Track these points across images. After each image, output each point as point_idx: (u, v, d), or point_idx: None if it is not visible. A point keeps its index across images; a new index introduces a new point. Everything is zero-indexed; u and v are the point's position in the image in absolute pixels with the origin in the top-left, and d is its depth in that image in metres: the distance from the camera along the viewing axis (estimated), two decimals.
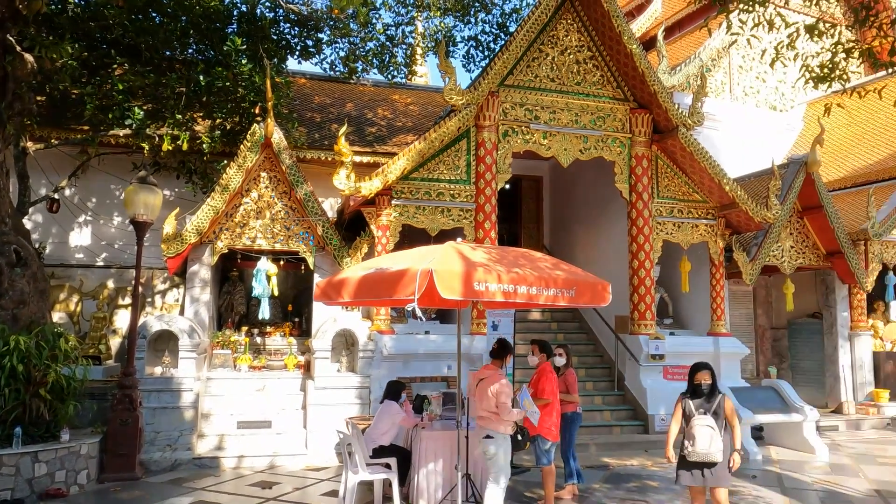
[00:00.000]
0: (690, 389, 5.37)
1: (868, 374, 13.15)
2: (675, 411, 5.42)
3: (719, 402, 5.25)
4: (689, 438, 5.17)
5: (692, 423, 5.18)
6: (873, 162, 14.36)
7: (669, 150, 11.25)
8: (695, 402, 5.27)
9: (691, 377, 5.36)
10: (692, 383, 5.35)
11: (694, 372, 5.37)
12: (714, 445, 5.07)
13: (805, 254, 12.62)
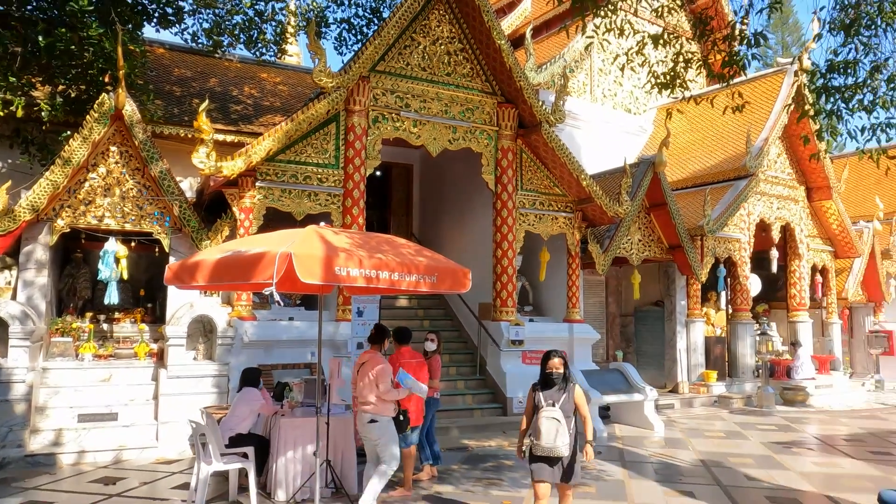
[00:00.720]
0: (542, 379, 5.08)
1: (700, 356, 14.55)
2: (527, 403, 5.14)
3: (570, 393, 4.99)
4: (535, 432, 4.88)
5: (539, 415, 4.88)
6: (711, 165, 15.82)
7: (533, 145, 11.74)
8: (545, 393, 4.98)
9: (543, 365, 5.08)
10: (544, 372, 5.07)
11: (546, 360, 5.07)
12: (559, 439, 4.78)
13: (651, 247, 13.69)
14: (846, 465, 8.66)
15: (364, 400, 5.94)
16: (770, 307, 17.51)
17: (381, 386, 5.81)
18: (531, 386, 5.17)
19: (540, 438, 4.83)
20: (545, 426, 4.83)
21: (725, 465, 8.44)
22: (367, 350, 6.30)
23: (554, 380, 5.02)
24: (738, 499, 6.84)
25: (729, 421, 12.02)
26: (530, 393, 5.13)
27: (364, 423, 5.94)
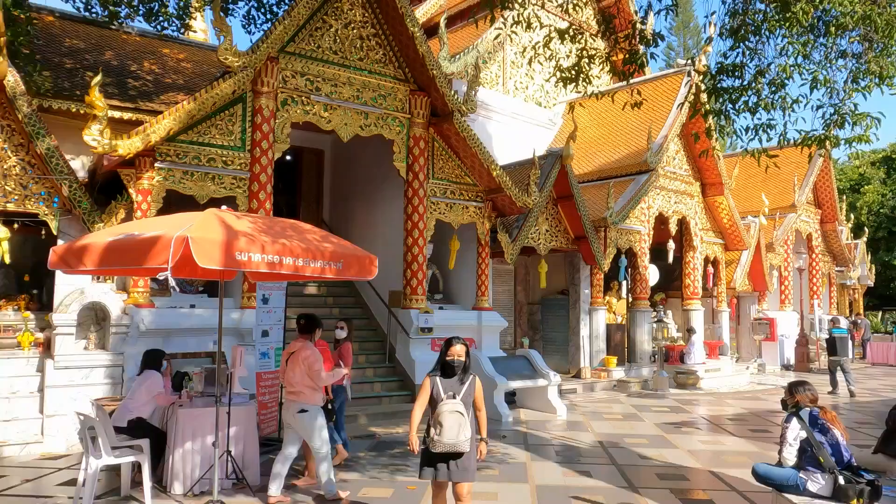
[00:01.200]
0: (441, 366, 4.64)
1: (602, 343, 15.18)
2: (422, 393, 4.64)
3: (470, 384, 4.62)
4: (436, 426, 4.44)
5: (440, 408, 4.44)
6: (615, 159, 16.48)
7: (445, 134, 11.80)
8: (444, 383, 4.57)
9: (444, 352, 4.64)
10: (444, 359, 4.63)
11: (447, 346, 4.65)
12: (463, 434, 4.40)
13: (558, 237, 14.12)
14: (729, 442, 9.29)
15: (294, 389, 5.99)
16: (667, 296, 18.49)
17: (315, 372, 5.92)
18: (427, 374, 4.71)
19: (442, 434, 4.40)
20: (449, 420, 4.41)
21: (621, 445, 8.86)
22: (297, 339, 6.27)
23: (455, 368, 4.62)
24: (632, 477, 7.20)
25: (626, 404, 12.62)
26: (427, 381, 4.64)
27: (293, 412, 5.98)
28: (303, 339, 6.23)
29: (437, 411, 4.50)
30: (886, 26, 4.80)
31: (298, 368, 5.95)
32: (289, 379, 6.05)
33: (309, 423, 5.96)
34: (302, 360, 5.96)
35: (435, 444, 4.44)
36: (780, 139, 5.66)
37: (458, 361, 4.64)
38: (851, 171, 36.24)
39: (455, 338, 4.77)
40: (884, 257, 32.78)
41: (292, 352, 6.11)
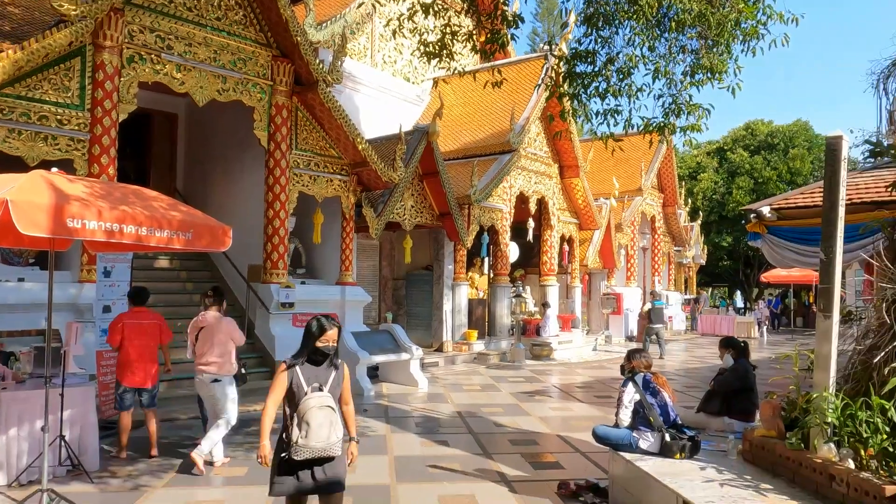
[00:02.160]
0: (306, 353, 3.73)
1: (464, 317, 15.62)
2: (276, 386, 3.68)
3: (339, 373, 3.80)
4: (300, 426, 3.54)
5: (305, 403, 3.56)
6: (480, 138, 16.86)
7: (310, 104, 11.46)
8: (306, 372, 3.67)
9: (314, 336, 3.71)
10: (313, 345, 3.71)
11: (320, 330, 3.72)
12: (335, 433, 3.61)
13: (423, 213, 14.26)
14: (577, 408, 9.94)
15: (209, 361, 6.21)
16: (526, 272, 19.36)
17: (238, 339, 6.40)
18: (283, 363, 3.75)
19: (309, 436, 3.51)
20: (317, 418, 3.53)
21: (479, 414, 9.20)
22: (208, 312, 6.44)
23: (327, 355, 3.74)
24: (486, 444, 7.51)
25: (486, 375, 13.12)
26: (283, 373, 3.69)
27: (207, 382, 6.24)
28: (215, 310, 6.45)
29: (302, 408, 3.56)
30: (718, 25, 5.26)
31: (215, 339, 6.21)
32: (202, 351, 6.23)
33: (223, 391, 6.24)
34: (225, 332, 6.30)
35: (299, 449, 3.52)
36: (625, 125, 6.06)
37: (331, 348, 3.76)
38: (690, 160, 39.68)
39: (326, 318, 3.82)
40: (714, 239, 36.37)
41: (203, 326, 6.30)
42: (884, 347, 4.33)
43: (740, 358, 6.22)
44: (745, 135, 38.62)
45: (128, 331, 6.49)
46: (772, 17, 5.43)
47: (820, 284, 4.42)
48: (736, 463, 4.91)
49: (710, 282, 42.45)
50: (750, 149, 37.68)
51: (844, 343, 4.95)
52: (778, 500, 4.05)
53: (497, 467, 6.50)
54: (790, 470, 4.38)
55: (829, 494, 4.00)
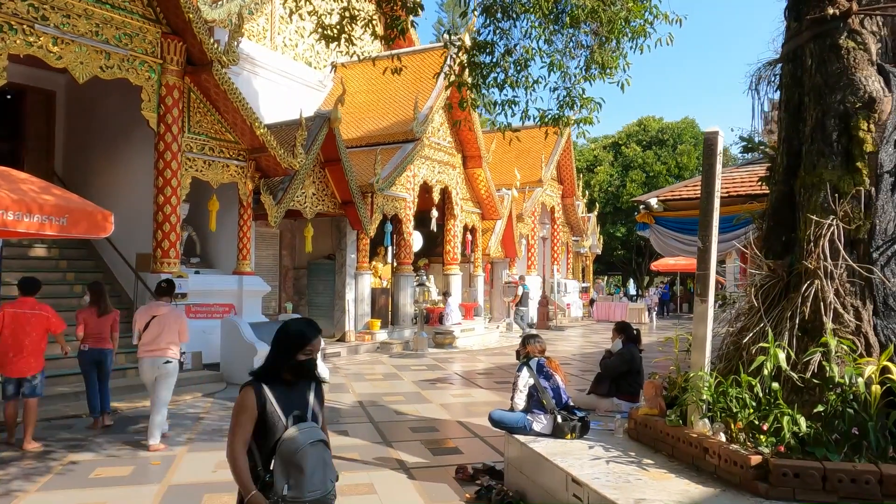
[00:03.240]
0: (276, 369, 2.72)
1: (367, 306, 15.52)
2: (242, 418, 2.65)
3: (319, 392, 2.86)
4: (287, 473, 2.62)
5: (289, 442, 2.62)
6: (383, 126, 16.74)
7: (204, 86, 10.95)
8: (281, 397, 2.69)
9: (294, 347, 2.71)
10: (293, 360, 2.70)
11: (301, 340, 2.72)
12: (330, 477, 2.76)
13: (325, 201, 14.00)
14: (477, 394, 10.13)
15: (160, 346, 6.66)
16: (430, 261, 19.49)
17: (185, 329, 6.86)
18: (247, 384, 2.71)
19: (302, 486, 2.62)
20: (309, 460, 2.63)
21: (380, 403, 9.19)
22: (159, 302, 6.87)
23: (308, 370, 2.77)
24: (387, 432, 7.51)
25: (388, 364, 13.10)
26: (250, 398, 2.66)
27: (160, 364, 6.68)
28: (164, 300, 6.87)
29: (285, 448, 2.63)
30: (609, 22, 5.47)
31: (167, 327, 6.66)
32: (153, 337, 6.64)
33: (170, 374, 6.76)
34: (175, 320, 6.76)
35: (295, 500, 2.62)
36: (522, 116, 6.20)
37: (314, 362, 2.82)
38: (588, 153, 41.27)
39: (306, 321, 2.85)
40: (609, 229, 38.07)
41: (156, 314, 6.69)
42: (752, 328, 4.67)
43: (628, 343, 6.54)
44: (639, 130, 40.58)
45: (8, 320, 6.30)
46: (658, 16, 5.71)
47: (697, 271, 4.71)
48: (622, 441, 5.16)
49: (605, 270, 44.45)
50: (642, 144, 39.64)
51: (721, 326, 5.32)
52: (658, 473, 4.30)
53: (397, 455, 6.51)
54: (670, 445, 4.65)
55: (704, 466, 4.28)
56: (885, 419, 3.93)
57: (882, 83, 4.54)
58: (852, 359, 4.07)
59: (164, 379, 6.72)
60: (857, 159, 4.46)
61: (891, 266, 4.28)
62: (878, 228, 4.34)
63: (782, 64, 5.28)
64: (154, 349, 6.62)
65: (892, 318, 4.22)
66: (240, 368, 10.36)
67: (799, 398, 4.24)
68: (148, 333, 6.63)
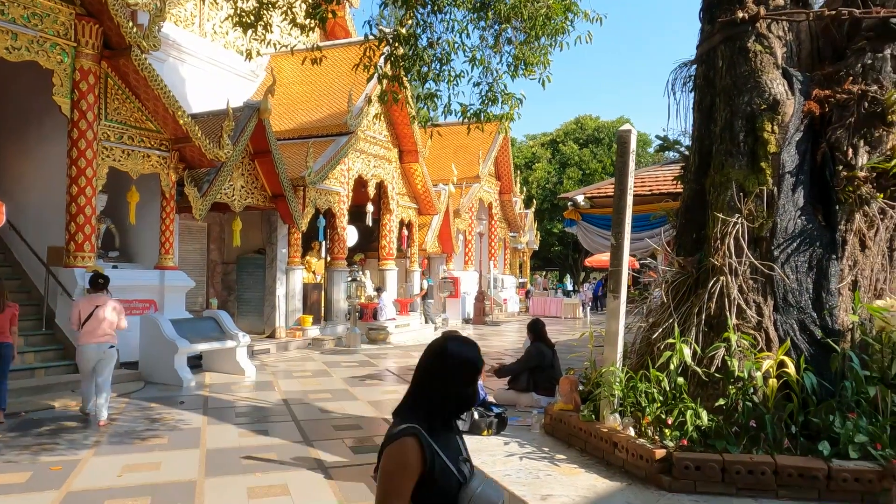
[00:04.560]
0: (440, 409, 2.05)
1: (298, 302, 15.22)
2: (401, 480, 1.93)
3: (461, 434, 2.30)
4: None
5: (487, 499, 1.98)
6: (317, 119, 16.42)
7: (122, 71, 10.45)
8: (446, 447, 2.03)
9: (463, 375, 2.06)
10: (457, 391, 2.06)
11: (472, 368, 2.08)
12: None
13: (254, 194, 13.63)
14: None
15: (103, 333, 7.43)
16: (365, 256, 19.27)
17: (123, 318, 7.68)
18: (405, 433, 1.96)
19: None
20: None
21: (305, 401, 8.99)
22: (96, 294, 7.59)
23: (469, 406, 2.14)
24: (309, 431, 7.34)
25: (319, 361, 12.87)
26: (409, 451, 1.94)
27: (106, 349, 7.47)
28: (100, 292, 7.59)
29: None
30: (530, 19, 5.47)
31: (109, 317, 7.43)
32: (95, 325, 7.36)
33: (113, 357, 7.54)
34: (114, 309, 7.54)
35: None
36: (444, 110, 6.14)
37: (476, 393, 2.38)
38: (526, 150, 41.75)
39: (468, 344, 2.13)
40: (547, 226, 38.65)
41: (98, 304, 7.43)
42: (662, 324, 4.77)
43: (537, 340, 6.60)
44: (576, 129, 41.31)
45: None
46: (577, 14, 5.75)
47: (610, 267, 4.76)
48: (538, 436, 5.19)
49: (542, 266, 45.11)
50: (579, 142, 40.38)
51: (637, 321, 5.42)
52: (568, 468, 4.33)
53: (316, 454, 6.37)
54: (582, 440, 4.70)
55: (613, 461, 4.34)
56: (782, 412, 4.07)
57: (786, 86, 4.69)
58: (752, 353, 4.19)
59: (108, 362, 7.49)
60: (761, 159, 4.60)
61: (790, 263, 4.43)
62: (779, 227, 4.48)
63: (696, 66, 5.40)
64: (100, 336, 7.38)
65: (791, 313, 4.37)
66: (160, 366, 9.98)
67: (703, 392, 4.35)
68: (91, 322, 7.33)
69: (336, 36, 20.47)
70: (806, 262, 4.40)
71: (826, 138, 4.58)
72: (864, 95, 4.51)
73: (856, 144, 4.51)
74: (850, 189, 4.41)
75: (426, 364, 2.10)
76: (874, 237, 4.47)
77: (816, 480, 3.73)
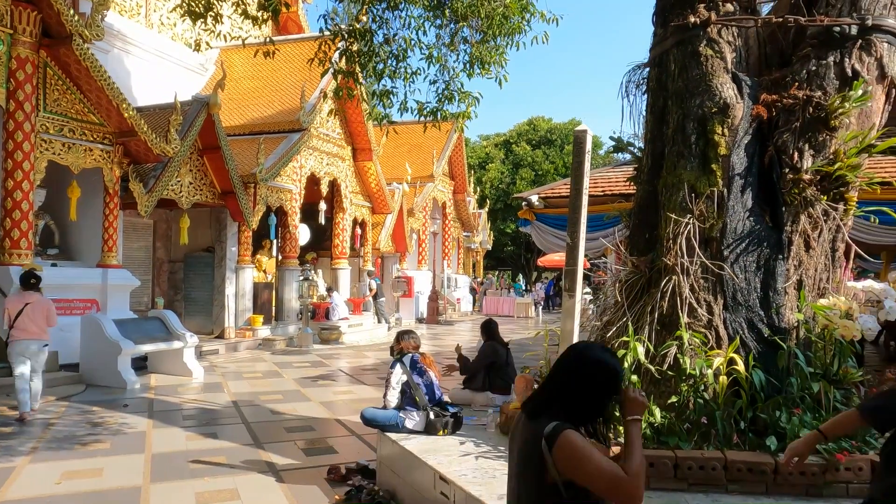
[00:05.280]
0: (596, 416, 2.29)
1: (249, 301, 14.89)
2: (591, 449, 2.08)
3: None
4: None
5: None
6: (268, 115, 16.11)
7: (63, 61, 10.03)
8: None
9: (613, 388, 2.22)
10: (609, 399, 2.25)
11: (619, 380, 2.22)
12: None
13: (203, 191, 13.27)
14: (361, 391, 9.94)
15: (35, 330, 7.58)
16: (318, 255, 19.01)
17: (54, 316, 7.90)
18: (566, 427, 2.10)
19: None
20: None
21: (256, 403, 8.80)
22: (27, 292, 7.72)
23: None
24: (259, 433, 7.18)
25: (270, 362, 12.63)
26: (576, 434, 2.10)
27: (41, 347, 7.71)
28: (31, 292, 7.71)
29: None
30: (487, 18, 5.46)
31: (40, 314, 7.61)
32: (26, 322, 7.52)
33: (44, 352, 7.80)
34: (46, 308, 7.73)
35: None
36: (400, 107, 6.08)
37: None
38: (480, 150, 41.96)
39: (612, 353, 2.32)
40: (500, 226, 38.93)
41: (28, 302, 7.56)
42: (616, 322, 4.81)
43: (490, 339, 6.63)
44: (529, 129, 41.73)
45: None
46: (534, 14, 5.77)
47: (566, 267, 4.78)
48: (494, 436, 5.18)
49: (495, 265, 45.38)
50: (532, 143, 40.80)
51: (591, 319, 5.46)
52: None
53: (267, 457, 6.23)
54: None
55: None
56: (731, 408, 4.16)
57: (735, 90, 4.79)
58: (703, 351, 4.27)
59: (41, 358, 7.78)
60: (712, 161, 4.69)
61: (739, 263, 4.54)
62: (728, 227, 4.58)
63: (649, 68, 5.48)
64: (32, 332, 7.57)
65: (740, 311, 4.47)
66: (103, 368, 9.61)
67: (656, 389, 4.41)
68: (21, 320, 7.50)
69: (289, 31, 20.13)
70: (754, 261, 4.51)
71: (773, 142, 4.70)
72: (809, 101, 4.65)
73: (801, 148, 4.64)
74: (796, 191, 4.54)
75: (585, 372, 2.19)
76: (818, 238, 4.61)
77: (764, 474, 3.82)
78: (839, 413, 3.16)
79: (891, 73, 4.71)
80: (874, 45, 4.64)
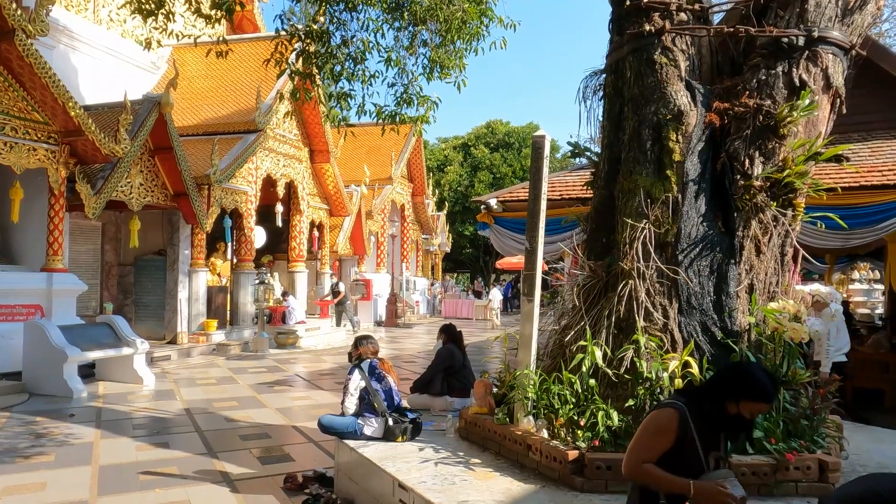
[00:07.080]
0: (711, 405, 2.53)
1: (202, 306, 14.55)
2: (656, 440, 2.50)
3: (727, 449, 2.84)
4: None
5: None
6: (223, 115, 15.79)
7: (5, 57, 9.63)
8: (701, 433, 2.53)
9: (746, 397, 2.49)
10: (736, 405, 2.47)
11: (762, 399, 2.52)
12: None
13: (154, 192, 12.91)
14: (318, 396, 9.81)
15: None
16: (275, 258, 18.71)
17: None
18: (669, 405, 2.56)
19: None
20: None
21: (209, 410, 8.58)
22: None
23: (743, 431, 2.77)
24: (213, 442, 7.00)
25: (224, 367, 12.36)
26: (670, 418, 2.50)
27: None
28: None
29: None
30: (445, 21, 5.45)
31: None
32: None
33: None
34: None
35: None
36: (358, 110, 6.02)
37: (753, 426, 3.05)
38: (438, 153, 42.01)
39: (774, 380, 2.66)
40: (458, 228, 39.01)
41: None
42: (574, 327, 4.85)
43: (448, 342, 6.62)
44: (487, 133, 41.96)
45: None
46: (493, 19, 5.78)
47: (524, 271, 4.80)
48: (453, 441, 5.16)
49: (454, 268, 45.49)
50: (490, 146, 41.05)
51: (549, 324, 5.49)
52: (484, 473, 4.32)
53: (221, 467, 6.07)
54: (497, 443, 4.71)
55: (527, 463, 4.36)
56: None
57: (689, 98, 4.88)
58: (659, 355, 4.33)
59: None
60: (667, 167, 4.77)
61: (693, 267, 4.62)
62: (683, 232, 4.66)
63: (606, 75, 5.54)
64: None
65: (694, 315, 4.55)
66: (47, 377, 9.24)
67: (614, 393, 4.45)
68: None
69: (244, 30, 19.77)
70: (707, 266, 4.60)
71: (725, 149, 4.81)
72: (760, 109, 4.77)
73: (752, 155, 4.76)
74: (747, 197, 4.66)
75: (730, 373, 2.55)
76: (768, 243, 4.74)
77: None
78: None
79: (835, 83, 4.87)
80: (820, 57, 4.79)
